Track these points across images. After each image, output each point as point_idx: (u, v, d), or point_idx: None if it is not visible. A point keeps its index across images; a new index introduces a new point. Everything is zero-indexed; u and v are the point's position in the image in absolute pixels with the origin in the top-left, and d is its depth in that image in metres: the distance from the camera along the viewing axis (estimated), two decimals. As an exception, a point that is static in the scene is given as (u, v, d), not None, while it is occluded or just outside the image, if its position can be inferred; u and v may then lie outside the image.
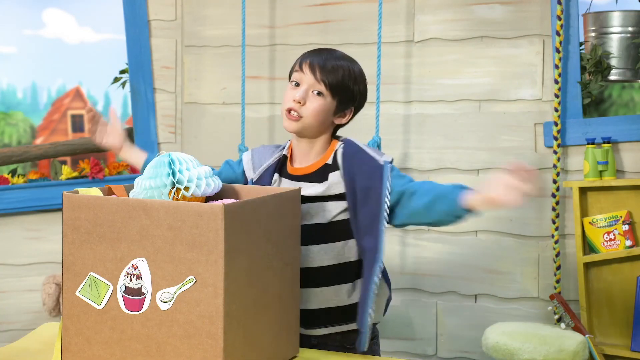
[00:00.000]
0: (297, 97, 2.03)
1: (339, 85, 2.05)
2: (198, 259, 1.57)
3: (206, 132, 3.76)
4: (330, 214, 2.03)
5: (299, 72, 2.06)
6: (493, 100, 3.36)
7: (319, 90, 2.04)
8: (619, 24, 3.35)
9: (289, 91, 2.07)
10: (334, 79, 2.04)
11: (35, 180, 3.65)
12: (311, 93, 2.04)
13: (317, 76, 2.03)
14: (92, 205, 1.66)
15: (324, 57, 2.06)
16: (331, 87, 2.04)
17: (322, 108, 2.05)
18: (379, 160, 2.01)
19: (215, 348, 1.57)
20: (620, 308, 3.19)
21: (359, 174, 2.01)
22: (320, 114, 2.05)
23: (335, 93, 2.05)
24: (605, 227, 3.16)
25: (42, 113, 22.73)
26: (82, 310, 1.68)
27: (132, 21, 3.73)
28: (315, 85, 2.04)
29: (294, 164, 2.13)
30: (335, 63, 2.05)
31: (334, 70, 2.04)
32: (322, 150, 2.11)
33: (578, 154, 3.26)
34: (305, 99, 2.04)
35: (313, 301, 2.04)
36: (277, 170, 2.12)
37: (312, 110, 2.04)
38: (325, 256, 2.03)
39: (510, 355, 2.86)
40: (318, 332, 2.07)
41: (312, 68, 2.04)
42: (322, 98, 2.04)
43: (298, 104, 2.04)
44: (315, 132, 2.08)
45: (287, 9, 3.64)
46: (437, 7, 3.42)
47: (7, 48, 25.39)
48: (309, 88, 2.04)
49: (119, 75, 3.85)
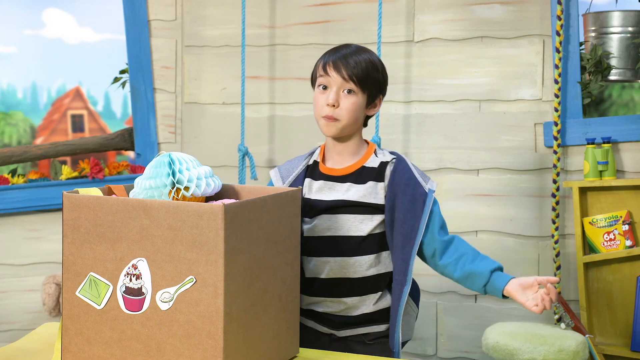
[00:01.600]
0: (330, 100, 2.03)
1: (366, 78, 2.04)
2: (198, 259, 1.57)
3: (206, 132, 3.76)
4: (367, 227, 2.04)
5: (325, 75, 2.05)
6: (493, 100, 3.36)
7: (349, 89, 2.04)
8: (619, 24, 3.35)
9: (319, 96, 2.06)
10: (360, 73, 2.03)
11: (35, 180, 3.65)
12: (342, 93, 2.04)
13: (344, 75, 2.02)
14: (92, 205, 1.66)
15: (343, 54, 2.05)
16: (360, 82, 2.03)
17: (356, 106, 2.05)
18: (424, 187, 2.04)
19: (215, 348, 1.57)
20: (620, 308, 3.19)
21: (402, 195, 2.02)
22: (355, 112, 2.05)
23: (365, 87, 2.05)
24: (605, 227, 3.16)
25: (42, 113, 22.75)
26: (82, 310, 1.68)
27: (132, 21, 3.73)
28: (344, 84, 2.03)
29: (327, 164, 2.13)
30: (356, 57, 2.05)
31: (357, 65, 2.04)
32: (356, 149, 2.11)
33: (578, 154, 3.26)
34: (338, 101, 2.03)
35: (342, 308, 2.08)
36: (309, 176, 2.12)
37: (347, 110, 2.04)
38: (359, 268, 2.05)
39: (510, 355, 2.86)
40: (341, 333, 2.11)
41: (337, 68, 2.03)
42: (354, 95, 2.04)
43: (332, 107, 2.03)
44: (352, 129, 2.08)
45: (287, 9, 3.64)
46: (437, 7, 3.42)
47: (7, 48, 25.41)
48: (338, 89, 2.04)
49: (119, 75, 3.85)
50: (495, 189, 3.37)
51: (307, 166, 2.14)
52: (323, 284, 2.07)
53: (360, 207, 2.04)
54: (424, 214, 2.01)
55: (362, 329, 2.09)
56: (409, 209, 2.01)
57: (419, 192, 2.02)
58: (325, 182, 2.09)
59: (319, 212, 2.06)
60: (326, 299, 2.08)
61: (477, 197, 3.32)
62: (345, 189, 2.06)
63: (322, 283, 2.07)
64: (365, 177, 2.07)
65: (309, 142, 3.64)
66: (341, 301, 2.07)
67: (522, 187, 3.33)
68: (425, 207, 2.02)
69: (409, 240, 2.01)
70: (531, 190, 3.32)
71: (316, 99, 2.08)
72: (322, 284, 2.07)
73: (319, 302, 2.09)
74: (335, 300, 2.07)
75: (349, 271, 2.05)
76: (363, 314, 2.08)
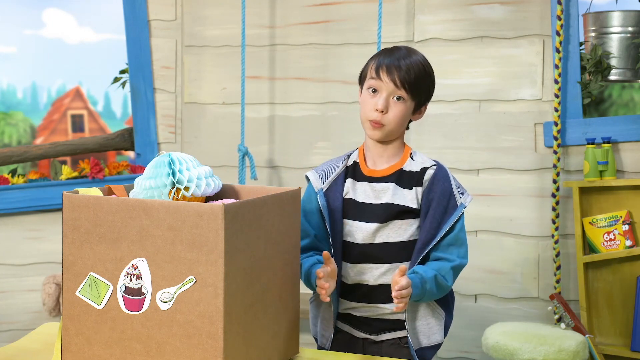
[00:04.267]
0: (379, 106, 2.01)
1: (417, 86, 2.03)
2: (198, 259, 1.57)
3: (206, 132, 3.76)
4: (407, 233, 2.04)
5: (376, 79, 2.03)
6: (493, 100, 3.36)
7: (399, 96, 2.02)
8: (619, 24, 3.35)
9: (368, 99, 2.05)
10: (412, 80, 2.02)
11: (35, 180, 3.65)
12: (392, 100, 2.03)
13: (396, 82, 2.01)
14: (92, 205, 1.66)
15: (396, 58, 2.03)
16: (410, 89, 2.02)
17: (404, 113, 2.04)
18: (457, 200, 2.03)
19: (215, 348, 1.57)
20: (620, 308, 3.19)
21: (437, 205, 2.01)
22: (402, 119, 2.05)
23: (415, 94, 2.04)
24: (605, 227, 3.15)
25: (42, 113, 22.76)
26: (82, 310, 1.68)
27: (132, 21, 3.73)
28: (395, 91, 2.02)
29: (368, 165, 2.11)
30: (409, 62, 2.03)
31: (409, 71, 2.02)
32: (396, 151, 2.10)
33: (578, 154, 3.26)
34: (387, 107, 2.02)
35: (382, 312, 2.06)
36: (350, 176, 2.10)
37: (394, 117, 2.03)
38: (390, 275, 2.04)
39: (510, 355, 2.86)
40: (378, 337, 2.09)
41: (390, 73, 2.01)
42: (403, 103, 2.03)
43: (381, 113, 2.02)
44: (396, 134, 2.07)
45: (287, 9, 3.64)
46: (437, 7, 3.42)
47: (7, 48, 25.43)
48: (388, 95, 2.02)
49: (119, 75, 3.85)
50: (495, 189, 3.37)
51: (347, 167, 2.12)
52: (368, 291, 2.05)
53: (406, 213, 2.03)
54: (445, 226, 2.01)
55: (401, 332, 2.08)
56: (437, 219, 2.00)
57: (451, 204, 2.02)
58: (369, 184, 2.07)
59: (367, 217, 2.05)
60: (370, 305, 2.06)
61: (477, 197, 3.32)
62: (390, 191, 2.05)
63: (368, 290, 2.05)
64: (407, 182, 2.06)
65: (309, 142, 3.65)
66: (384, 307, 2.06)
67: (522, 187, 3.33)
68: (451, 218, 2.01)
69: (425, 245, 2.01)
70: (531, 190, 3.32)
71: (364, 101, 2.06)
72: (367, 290, 2.05)
73: (358, 307, 2.08)
74: (378, 307, 2.06)
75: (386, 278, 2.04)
76: (402, 319, 2.06)
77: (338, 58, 3.55)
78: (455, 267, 2.02)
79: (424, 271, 1.97)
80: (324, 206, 2.06)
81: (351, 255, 2.05)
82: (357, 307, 2.08)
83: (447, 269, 2.01)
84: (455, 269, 2.02)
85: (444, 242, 2.02)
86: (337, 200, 2.07)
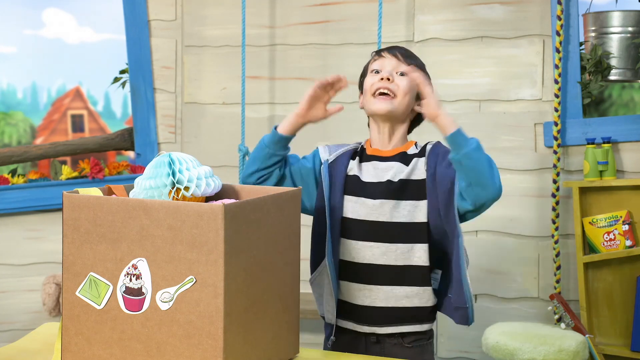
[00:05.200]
0: (384, 74, 2.03)
1: (418, 66, 2.06)
2: (198, 259, 1.57)
3: (206, 132, 3.76)
4: (411, 215, 2.03)
5: (379, 59, 2.07)
6: (493, 100, 3.37)
7: (403, 71, 2.04)
8: (619, 24, 3.35)
9: (370, 78, 2.07)
10: (412, 58, 2.07)
11: (35, 180, 3.65)
12: (395, 74, 2.05)
13: (398, 57, 2.05)
14: (92, 205, 1.66)
15: (397, 47, 2.10)
16: (412, 66, 2.04)
17: (410, 87, 2.05)
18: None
19: (215, 348, 1.57)
20: (620, 308, 3.19)
21: (442, 160, 2.03)
22: (410, 93, 2.06)
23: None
24: (605, 227, 3.16)
25: (42, 113, 22.78)
26: (82, 310, 1.68)
27: (132, 21, 3.73)
28: (400, 66, 2.05)
29: (374, 146, 2.14)
30: (410, 52, 2.11)
31: (411, 56, 2.08)
32: (402, 139, 2.12)
33: (578, 154, 3.26)
34: (392, 78, 2.04)
35: (379, 299, 2.05)
36: (357, 157, 2.11)
37: (403, 87, 2.05)
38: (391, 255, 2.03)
39: (510, 355, 2.86)
40: (382, 330, 2.07)
41: (392, 52, 2.06)
42: (407, 78, 2.05)
43: (387, 81, 2.03)
44: (403, 114, 2.08)
45: (287, 9, 3.64)
46: (437, 7, 3.42)
47: (7, 48, 25.40)
48: (392, 69, 2.05)
49: (119, 75, 3.85)
50: (495, 189, 3.36)
51: (355, 150, 2.15)
52: (369, 271, 2.04)
53: (412, 192, 2.03)
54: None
55: (405, 327, 2.07)
56: (447, 174, 2.01)
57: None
58: (373, 163, 2.09)
59: (369, 193, 2.05)
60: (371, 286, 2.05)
61: (477, 197, 3.32)
62: (395, 169, 2.06)
63: (368, 270, 2.04)
64: (410, 159, 2.08)
65: (309, 142, 3.64)
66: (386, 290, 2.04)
67: (522, 187, 3.33)
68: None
69: (450, 191, 2.00)
70: (531, 190, 3.32)
71: (367, 83, 2.08)
72: (368, 270, 2.04)
73: (359, 293, 2.06)
74: (380, 289, 2.05)
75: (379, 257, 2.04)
76: (406, 307, 2.05)
77: (338, 58, 3.55)
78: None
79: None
80: (327, 181, 2.07)
81: (352, 232, 2.05)
82: (357, 293, 2.06)
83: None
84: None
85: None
86: (340, 175, 2.08)
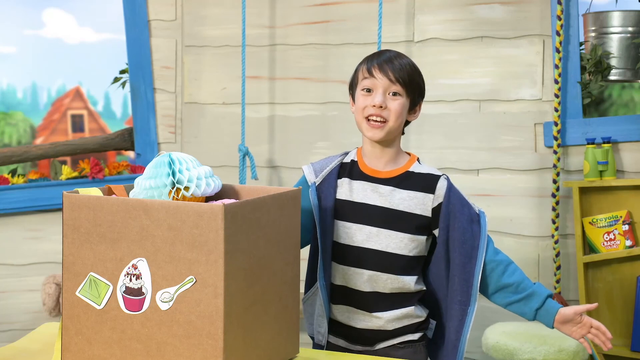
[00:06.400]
0: (377, 101, 2.00)
1: (411, 82, 2.03)
2: (198, 259, 1.57)
3: (206, 132, 3.76)
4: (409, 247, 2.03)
5: (370, 77, 2.02)
6: (493, 100, 3.37)
7: (395, 91, 2.01)
8: (619, 24, 3.35)
9: (362, 99, 2.03)
10: (406, 76, 2.02)
11: (35, 180, 3.65)
12: (388, 95, 2.02)
13: (391, 77, 2.00)
14: (92, 205, 1.66)
15: (387, 57, 2.04)
16: (405, 85, 2.01)
17: (402, 108, 2.03)
18: (475, 208, 2.04)
19: (215, 348, 1.57)
20: (620, 308, 3.19)
21: (460, 215, 2.01)
22: (402, 114, 2.03)
23: (410, 91, 2.03)
24: (605, 227, 3.16)
25: (42, 113, 22.78)
26: (82, 310, 1.68)
27: (132, 21, 3.73)
28: (391, 86, 2.01)
29: (367, 165, 2.09)
30: (400, 61, 2.03)
31: (401, 67, 2.02)
32: (395, 156, 2.08)
33: (578, 154, 3.26)
34: (385, 102, 2.01)
35: (372, 323, 2.06)
36: (347, 175, 2.07)
37: (395, 112, 2.01)
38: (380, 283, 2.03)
39: (510, 355, 2.86)
40: (375, 347, 2.08)
41: (384, 70, 2.01)
42: (399, 97, 2.02)
43: (380, 108, 2.00)
44: (396, 133, 2.06)
45: (287, 9, 3.64)
46: (437, 7, 3.42)
47: (7, 48, 25.41)
48: (384, 91, 2.01)
49: (119, 75, 3.86)
50: (495, 189, 3.37)
51: (342, 163, 2.10)
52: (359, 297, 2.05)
53: (406, 222, 2.02)
54: (482, 234, 2.00)
55: (397, 339, 2.07)
56: (467, 229, 1.99)
57: (472, 212, 2.02)
58: (368, 184, 2.05)
59: (363, 219, 2.03)
60: (365, 313, 2.05)
61: (477, 197, 3.32)
62: (389, 192, 2.03)
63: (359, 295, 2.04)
64: (412, 185, 2.04)
65: (309, 142, 3.65)
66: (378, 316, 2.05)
67: (522, 187, 3.33)
68: (482, 227, 2.01)
69: (470, 260, 1.99)
70: (531, 190, 3.32)
71: (359, 103, 2.04)
72: (358, 296, 2.05)
73: (351, 316, 2.07)
74: (372, 315, 2.05)
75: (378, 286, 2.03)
76: (397, 328, 2.06)
77: (338, 58, 3.55)
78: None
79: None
80: (315, 205, 2.04)
81: (344, 257, 2.04)
82: (350, 316, 2.06)
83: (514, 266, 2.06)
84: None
85: (490, 247, 2.03)
86: (329, 199, 2.05)
